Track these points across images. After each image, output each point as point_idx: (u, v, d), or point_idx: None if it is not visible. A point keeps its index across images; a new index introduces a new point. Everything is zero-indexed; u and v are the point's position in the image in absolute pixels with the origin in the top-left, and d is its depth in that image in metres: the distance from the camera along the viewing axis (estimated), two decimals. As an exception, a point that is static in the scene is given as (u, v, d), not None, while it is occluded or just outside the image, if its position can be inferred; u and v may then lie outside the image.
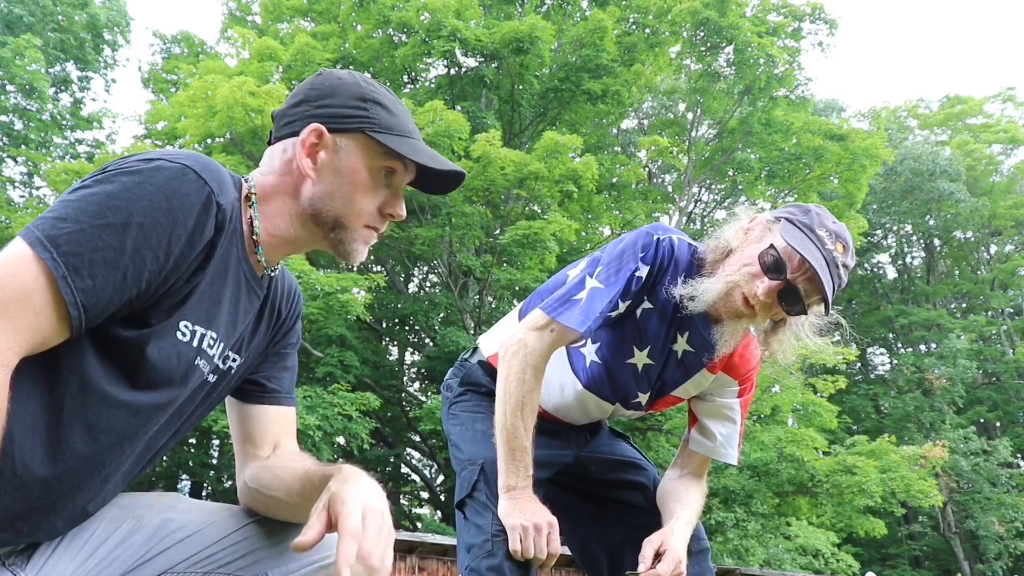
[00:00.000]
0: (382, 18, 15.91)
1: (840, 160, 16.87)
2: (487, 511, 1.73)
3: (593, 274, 1.74)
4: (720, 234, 1.77)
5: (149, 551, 1.16)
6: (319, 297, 12.87)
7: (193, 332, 1.12)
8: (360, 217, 1.23)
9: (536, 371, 1.71)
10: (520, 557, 1.64)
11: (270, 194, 1.22)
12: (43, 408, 1.02)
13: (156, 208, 1.00)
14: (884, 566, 20.94)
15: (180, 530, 1.19)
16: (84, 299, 0.97)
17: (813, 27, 18.13)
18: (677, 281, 1.74)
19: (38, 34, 16.96)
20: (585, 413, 1.95)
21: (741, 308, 1.67)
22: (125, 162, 1.04)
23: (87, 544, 1.14)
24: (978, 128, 27.08)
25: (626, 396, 1.89)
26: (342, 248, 1.24)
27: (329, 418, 11.77)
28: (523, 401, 1.68)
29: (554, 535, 1.65)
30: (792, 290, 1.62)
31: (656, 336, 1.80)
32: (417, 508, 20.96)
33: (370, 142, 1.22)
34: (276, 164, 1.24)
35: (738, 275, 1.66)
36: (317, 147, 1.21)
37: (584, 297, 1.71)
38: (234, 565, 1.19)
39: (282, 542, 1.22)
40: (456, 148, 13.91)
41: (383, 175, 1.24)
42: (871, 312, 26.11)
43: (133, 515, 1.18)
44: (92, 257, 0.96)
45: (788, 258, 1.61)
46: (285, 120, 1.25)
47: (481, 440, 1.85)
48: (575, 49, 16.14)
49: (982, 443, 19.88)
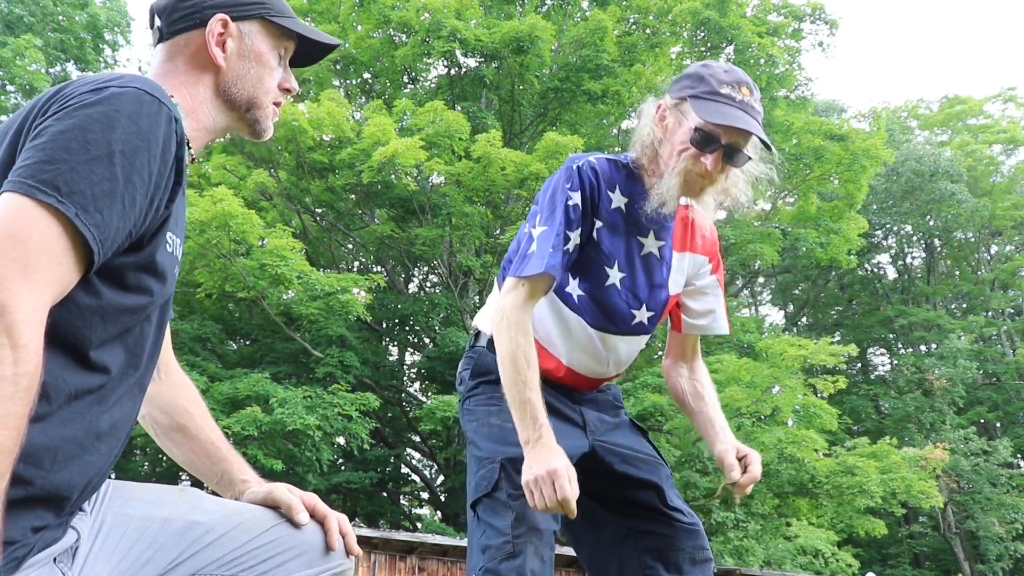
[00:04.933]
0: (382, 18, 15.90)
1: (840, 160, 16.86)
2: (507, 511, 1.70)
3: (536, 224, 1.85)
4: (640, 136, 1.90)
5: (180, 554, 1.18)
6: (319, 297, 12.87)
7: (174, 242, 1.17)
8: (268, 94, 1.33)
9: (520, 327, 1.77)
10: (540, 510, 1.67)
11: (183, 91, 1.26)
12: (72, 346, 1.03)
13: (130, 133, 1.01)
14: (884, 566, 20.94)
15: (208, 533, 1.20)
16: (99, 235, 0.97)
17: (813, 27, 18.14)
18: (615, 192, 1.88)
19: (38, 34, 16.96)
20: (597, 356, 1.92)
21: (700, 183, 1.81)
22: (72, 95, 1.04)
23: (120, 544, 1.15)
24: (978, 128, 27.08)
25: (624, 319, 1.90)
26: (257, 127, 1.33)
27: (329, 418, 11.77)
28: (516, 356, 1.74)
29: (560, 481, 1.61)
30: (731, 149, 1.77)
31: (617, 250, 1.88)
32: (417, 508, 20.95)
33: (269, 25, 1.31)
34: (180, 60, 1.27)
35: (683, 162, 1.79)
36: (224, 36, 1.27)
37: (535, 246, 1.81)
38: (257, 568, 1.21)
39: (305, 546, 1.24)
40: (456, 148, 13.91)
41: (279, 55, 1.34)
42: (871, 312, 26.10)
43: (159, 516, 1.20)
44: (93, 192, 0.97)
45: (713, 131, 1.75)
46: (178, 14, 1.27)
47: (498, 435, 1.82)
48: (575, 49, 16.13)
49: (982, 443, 19.89)
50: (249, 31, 1.29)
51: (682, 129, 1.80)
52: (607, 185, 1.88)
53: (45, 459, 0.99)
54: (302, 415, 11.18)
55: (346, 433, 12.65)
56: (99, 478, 1.11)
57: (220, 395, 12.02)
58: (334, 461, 14.61)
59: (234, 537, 1.21)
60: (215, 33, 1.25)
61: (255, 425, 11.10)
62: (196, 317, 15.21)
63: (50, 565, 1.05)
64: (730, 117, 1.72)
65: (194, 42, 1.26)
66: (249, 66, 1.29)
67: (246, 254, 12.73)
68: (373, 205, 16.23)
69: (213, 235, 11.94)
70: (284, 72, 1.36)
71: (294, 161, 15.08)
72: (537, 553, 1.69)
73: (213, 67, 1.27)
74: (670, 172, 1.80)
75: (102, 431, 1.07)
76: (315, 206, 16.52)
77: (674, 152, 1.80)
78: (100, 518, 1.16)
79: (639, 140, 1.90)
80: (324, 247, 17.27)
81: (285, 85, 1.36)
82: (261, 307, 13.97)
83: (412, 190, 14.16)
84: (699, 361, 2.12)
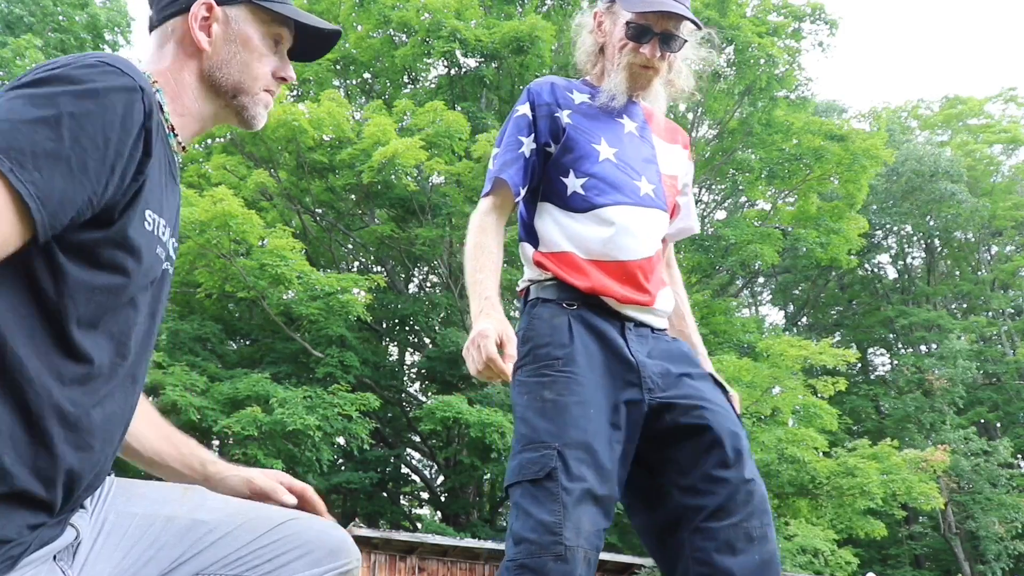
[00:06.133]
0: (382, 18, 15.91)
1: (840, 161, 16.86)
2: (556, 505, 1.55)
3: (497, 148, 1.96)
4: (582, 46, 2.02)
5: (183, 553, 1.17)
6: (319, 297, 12.87)
7: (155, 221, 1.13)
8: (257, 81, 1.29)
9: (480, 227, 1.84)
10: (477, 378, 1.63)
11: (168, 77, 1.25)
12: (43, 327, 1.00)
13: (83, 96, 1.00)
14: (885, 566, 20.92)
15: (211, 532, 1.19)
16: (37, 192, 0.94)
17: (813, 27, 18.12)
18: (573, 93, 1.97)
19: (38, 34, 16.95)
20: (625, 233, 1.82)
21: (645, 74, 1.91)
22: (36, 72, 1.04)
23: (122, 543, 1.15)
24: (979, 128, 27.07)
25: (630, 188, 1.88)
26: (245, 114, 1.30)
27: (329, 418, 11.77)
28: (473, 248, 1.82)
29: (485, 342, 1.56)
30: (665, 36, 1.88)
31: (598, 128, 1.94)
32: (417, 508, 20.95)
33: (258, 10, 1.28)
34: (167, 46, 1.26)
35: (624, 57, 1.90)
36: (208, 20, 1.25)
37: (490, 165, 1.92)
38: (261, 568, 1.20)
39: (310, 545, 1.23)
40: (456, 148, 13.91)
41: (272, 42, 1.30)
42: (871, 312, 26.10)
43: (163, 514, 1.19)
44: (33, 151, 0.95)
45: (643, 21, 1.86)
46: (166, 0, 1.28)
47: (552, 413, 1.65)
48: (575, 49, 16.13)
49: (982, 444, 19.88)
50: (236, 16, 1.27)
51: (617, 28, 1.91)
52: (564, 88, 1.97)
53: (32, 452, 0.98)
54: (302, 415, 11.17)
55: (346, 433, 12.65)
56: (96, 476, 1.09)
57: (220, 395, 12.01)
58: (334, 461, 14.60)
59: (238, 536, 1.20)
60: (198, 17, 1.24)
61: (255, 425, 11.10)
62: (196, 317, 15.21)
63: (49, 563, 1.04)
64: (656, 4, 1.84)
65: (180, 28, 1.25)
66: (235, 50, 1.26)
67: (246, 254, 12.74)
68: (373, 205, 16.23)
69: (213, 235, 11.95)
70: (280, 61, 1.32)
71: (294, 161, 15.08)
72: (587, 559, 1.56)
73: (198, 52, 1.25)
74: (616, 69, 1.92)
75: (94, 425, 1.05)
76: (315, 206, 16.52)
77: (615, 51, 1.92)
78: (102, 516, 1.16)
79: (583, 51, 2.02)
80: (324, 247, 17.27)
81: (280, 74, 1.32)
82: (261, 307, 13.97)
83: (412, 190, 14.16)
84: (676, 268, 2.12)
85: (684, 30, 1.90)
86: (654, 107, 2.02)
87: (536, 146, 1.90)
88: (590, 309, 1.78)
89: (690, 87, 1.99)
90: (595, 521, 1.60)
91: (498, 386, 14.43)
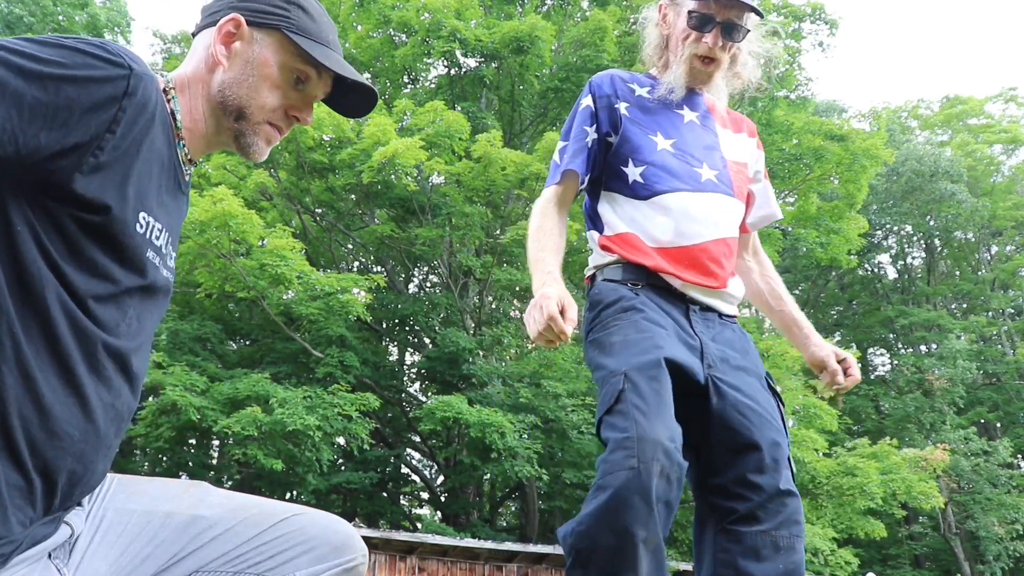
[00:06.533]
0: (382, 18, 15.91)
1: (840, 161, 16.86)
2: (627, 422, 1.56)
3: (563, 141, 2.01)
4: (648, 40, 2.04)
5: (182, 549, 1.16)
6: (319, 297, 12.87)
7: (147, 223, 1.11)
8: (263, 110, 1.25)
9: (544, 212, 1.90)
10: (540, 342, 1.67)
11: (186, 84, 1.23)
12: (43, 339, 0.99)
13: (43, 49, 0.97)
14: (885, 567, 20.92)
15: (211, 528, 1.18)
16: None
17: (813, 27, 18.12)
18: (635, 84, 2.01)
19: (38, 34, 16.95)
20: (687, 216, 1.85)
21: (706, 69, 1.94)
22: None
23: (119, 539, 1.14)
24: (979, 128, 27.07)
25: (691, 176, 1.91)
26: (243, 140, 1.26)
27: (329, 418, 11.76)
28: (537, 230, 1.88)
29: (546, 303, 1.63)
30: (727, 25, 1.88)
31: (656, 121, 1.96)
32: (417, 508, 20.96)
33: (286, 41, 1.24)
34: (195, 56, 1.26)
35: (686, 49, 1.92)
36: (233, 36, 1.23)
37: (557, 158, 1.98)
38: (263, 565, 1.18)
39: (313, 542, 1.22)
40: (457, 148, 13.91)
41: (293, 78, 1.26)
42: (871, 312, 26.10)
43: (162, 510, 1.18)
44: None
45: (706, 8, 1.87)
46: (209, 11, 1.27)
47: (620, 350, 1.70)
48: (575, 49, 16.14)
49: (982, 444, 19.88)
50: (262, 39, 1.23)
51: (680, 18, 1.93)
52: (626, 80, 2.01)
53: (9, 449, 0.96)
54: (302, 415, 11.17)
55: (346, 433, 12.64)
56: (89, 472, 1.07)
57: (220, 395, 12.01)
58: (334, 461, 14.60)
59: (240, 532, 1.19)
60: (224, 31, 1.23)
61: (255, 425, 11.09)
62: (196, 317, 15.21)
63: (44, 561, 1.03)
64: None
65: (207, 39, 1.25)
66: (249, 72, 1.23)
67: (246, 254, 12.74)
68: (373, 205, 16.23)
69: (213, 235, 11.94)
70: (298, 98, 1.27)
71: (294, 161, 15.08)
72: (663, 474, 1.53)
73: (216, 66, 1.23)
74: (678, 61, 1.94)
75: (76, 416, 1.03)
76: (315, 206, 16.52)
77: (679, 42, 1.94)
78: (100, 513, 1.15)
79: (649, 45, 2.04)
80: (324, 247, 17.27)
81: (292, 112, 1.27)
82: (261, 307, 13.97)
83: (412, 190, 14.16)
84: (764, 255, 2.15)
85: (748, 20, 1.91)
86: (716, 98, 2.05)
87: (598, 136, 1.96)
88: (654, 291, 1.83)
89: (757, 78, 2.01)
90: (673, 434, 1.58)
91: (498, 386, 14.43)
